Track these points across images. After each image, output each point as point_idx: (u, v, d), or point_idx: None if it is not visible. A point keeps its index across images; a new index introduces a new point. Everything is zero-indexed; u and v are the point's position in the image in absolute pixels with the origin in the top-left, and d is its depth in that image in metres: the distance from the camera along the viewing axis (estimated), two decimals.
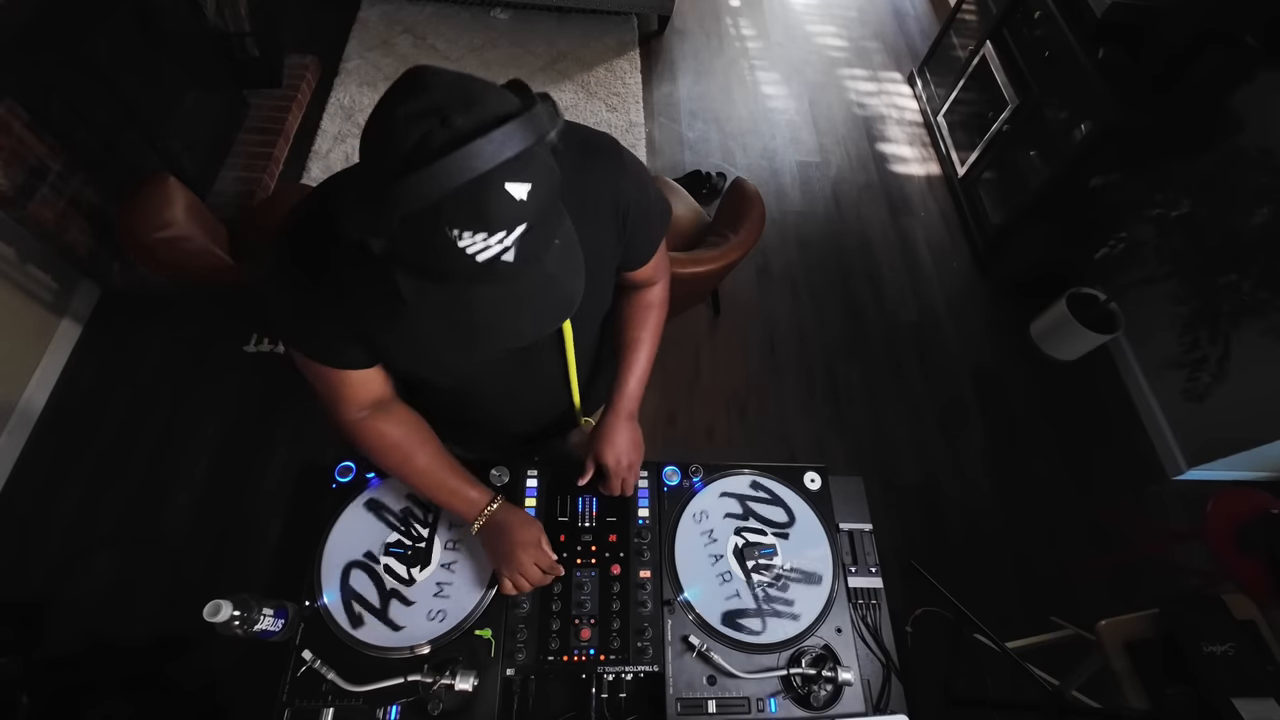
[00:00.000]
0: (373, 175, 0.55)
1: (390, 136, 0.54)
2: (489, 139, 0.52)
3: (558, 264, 0.63)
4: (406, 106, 0.54)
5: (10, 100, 1.84)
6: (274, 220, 2.03)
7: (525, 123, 0.54)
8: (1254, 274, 1.90)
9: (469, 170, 0.52)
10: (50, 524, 1.91)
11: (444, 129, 0.52)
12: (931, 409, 2.49)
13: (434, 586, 1.04)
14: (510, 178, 0.54)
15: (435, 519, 1.10)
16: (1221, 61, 2.03)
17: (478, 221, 0.54)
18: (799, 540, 1.14)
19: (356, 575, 1.04)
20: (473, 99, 0.55)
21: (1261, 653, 1.38)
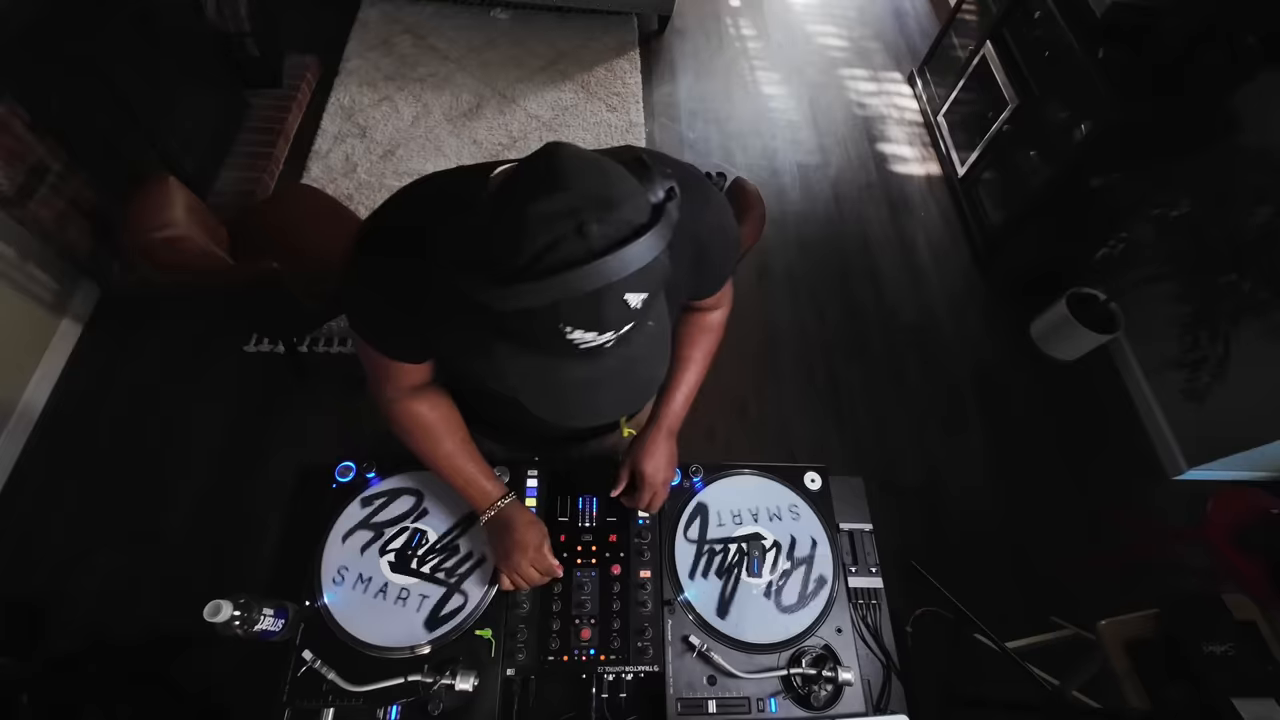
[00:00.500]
0: (491, 264, 0.54)
1: (521, 232, 0.52)
2: (620, 257, 0.52)
3: (648, 347, 0.64)
4: (541, 205, 0.52)
5: (10, 100, 1.84)
6: (274, 220, 2.03)
7: (656, 235, 0.54)
8: (1254, 274, 1.90)
9: (595, 283, 0.52)
10: (50, 524, 1.91)
11: (579, 238, 0.51)
12: (931, 409, 2.49)
13: (433, 587, 1.04)
14: (630, 289, 0.54)
15: (435, 519, 1.10)
16: (1221, 61, 2.03)
17: (591, 324, 0.55)
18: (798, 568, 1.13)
19: (357, 574, 1.04)
20: (610, 204, 0.53)
21: (1261, 653, 1.38)
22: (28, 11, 1.73)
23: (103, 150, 2.08)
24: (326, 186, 2.66)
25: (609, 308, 0.54)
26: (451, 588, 1.03)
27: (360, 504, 1.11)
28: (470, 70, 3.17)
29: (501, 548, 1.00)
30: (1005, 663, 1.39)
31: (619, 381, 0.64)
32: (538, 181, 0.54)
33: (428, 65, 3.16)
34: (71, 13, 1.81)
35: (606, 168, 0.56)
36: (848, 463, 2.30)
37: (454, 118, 2.98)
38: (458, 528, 1.09)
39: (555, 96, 3.14)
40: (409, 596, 1.03)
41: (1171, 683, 1.35)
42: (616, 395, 0.65)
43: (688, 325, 1.07)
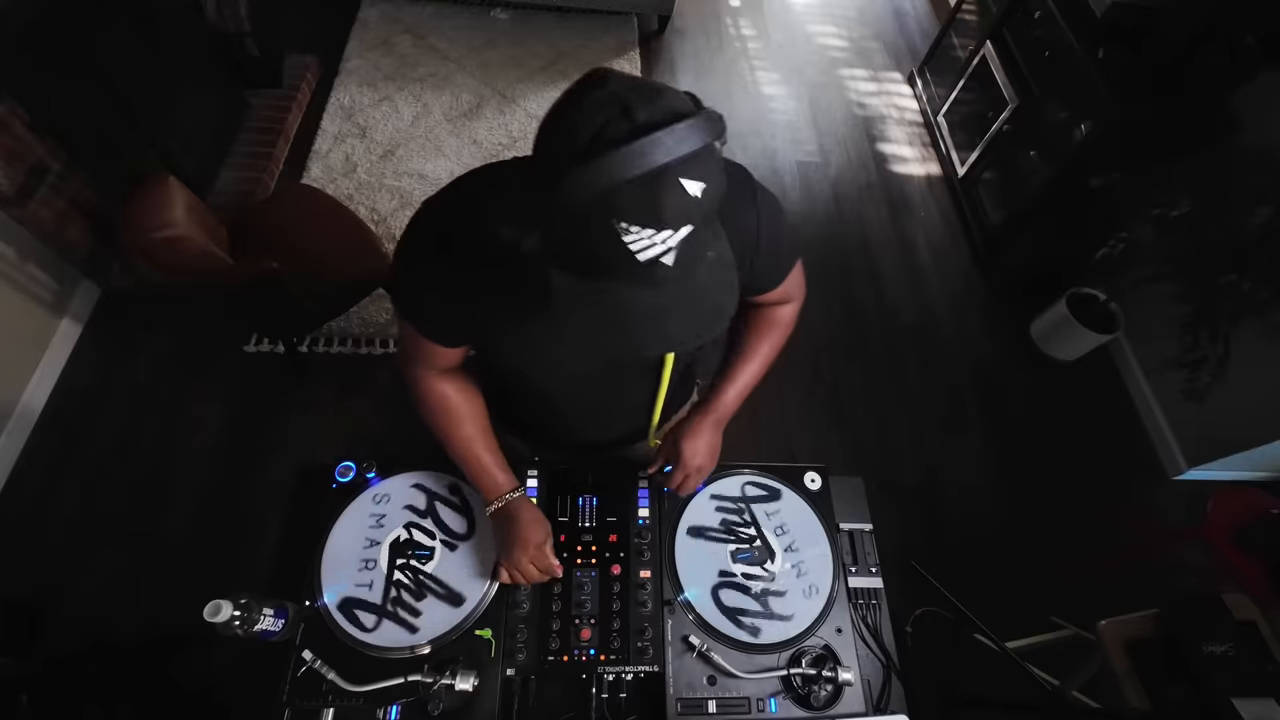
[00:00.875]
0: (546, 165, 0.56)
1: (569, 125, 0.54)
2: (671, 131, 0.52)
3: (710, 276, 0.63)
4: (588, 97, 0.54)
5: (10, 100, 1.84)
6: (274, 220, 2.03)
7: (703, 120, 0.55)
8: (1254, 274, 1.90)
9: (648, 161, 0.51)
10: (50, 524, 1.91)
11: (624, 119, 0.52)
12: (931, 409, 2.49)
13: (432, 587, 1.04)
14: (686, 174, 0.53)
15: (437, 520, 1.10)
16: (1221, 61, 2.03)
17: (649, 215, 0.53)
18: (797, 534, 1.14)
19: (356, 573, 1.04)
20: (655, 92, 0.55)
21: (1261, 653, 1.38)
22: (28, 11, 1.73)
23: (103, 150, 2.07)
24: (326, 186, 2.66)
25: (666, 194, 0.53)
26: (381, 611, 1.02)
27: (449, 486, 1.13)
28: (470, 70, 3.17)
29: (504, 541, 1.01)
30: (1005, 663, 1.39)
31: (686, 308, 0.63)
32: (583, 84, 0.56)
33: (428, 65, 3.16)
34: (71, 13, 1.81)
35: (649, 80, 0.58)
36: (848, 463, 2.30)
37: (454, 118, 2.98)
38: (443, 590, 1.05)
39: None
40: (370, 569, 1.04)
41: (1171, 683, 1.35)
42: (684, 322, 0.63)
43: (756, 316, 1.06)
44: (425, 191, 2.70)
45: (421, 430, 1.01)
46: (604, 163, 0.51)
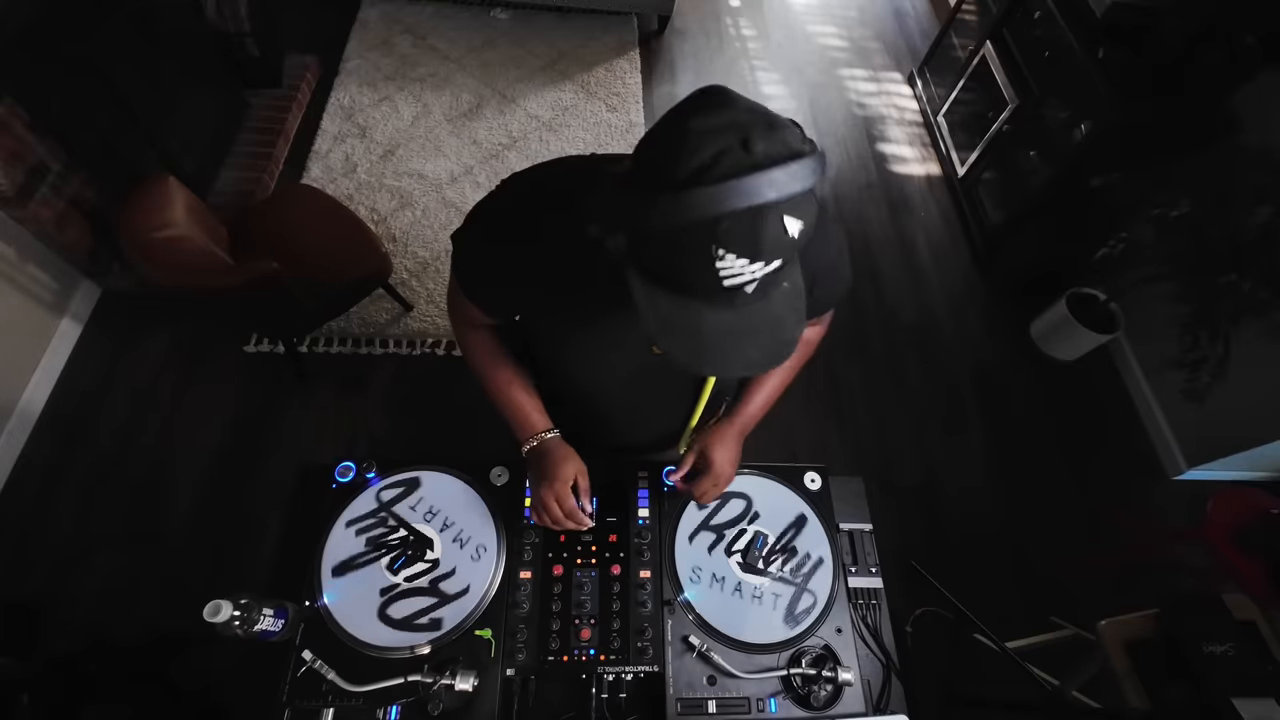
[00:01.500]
0: (653, 175, 0.56)
1: (685, 146, 0.54)
2: (785, 170, 0.53)
3: (784, 305, 0.64)
4: (708, 119, 0.54)
5: (10, 100, 1.84)
6: (274, 221, 2.03)
7: (815, 162, 0.55)
8: (1254, 274, 1.90)
9: (760, 196, 0.52)
10: (50, 524, 1.91)
11: (744, 150, 0.53)
12: (931, 409, 2.49)
13: (431, 588, 1.04)
14: (790, 211, 0.54)
15: (437, 520, 1.10)
16: (1221, 61, 2.03)
17: (747, 247, 0.54)
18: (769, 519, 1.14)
19: (356, 572, 1.04)
20: (773, 125, 0.55)
21: (1261, 653, 1.38)
22: (27, 12, 1.73)
23: (103, 150, 2.07)
24: (326, 186, 2.66)
25: (769, 228, 0.54)
26: (443, 597, 1.03)
27: (373, 496, 1.12)
28: (470, 70, 3.17)
29: (536, 475, 1.01)
30: (1005, 663, 1.40)
31: (763, 337, 0.64)
32: (701, 102, 0.56)
33: (428, 65, 3.16)
34: (71, 13, 1.81)
35: (765, 108, 0.58)
36: (848, 463, 2.30)
37: (454, 118, 2.98)
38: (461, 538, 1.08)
39: (555, 96, 3.14)
40: (402, 598, 1.03)
41: (1171, 683, 1.35)
42: (759, 350, 0.65)
43: None
44: (425, 191, 2.71)
45: (421, 430, 1.01)
46: (718, 191, 0.52)
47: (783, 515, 1.16)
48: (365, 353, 2.31)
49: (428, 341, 2.35)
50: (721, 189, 0.52)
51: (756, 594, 1.08)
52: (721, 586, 1.08)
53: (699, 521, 1.14)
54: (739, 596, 1.08)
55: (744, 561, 1.10)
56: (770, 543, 1.13)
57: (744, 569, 1.10)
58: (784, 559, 1.12)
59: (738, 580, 1.09)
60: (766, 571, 1.10)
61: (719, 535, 1.13)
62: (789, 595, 1.08)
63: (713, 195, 0.52)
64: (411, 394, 2.25)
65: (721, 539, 1.12)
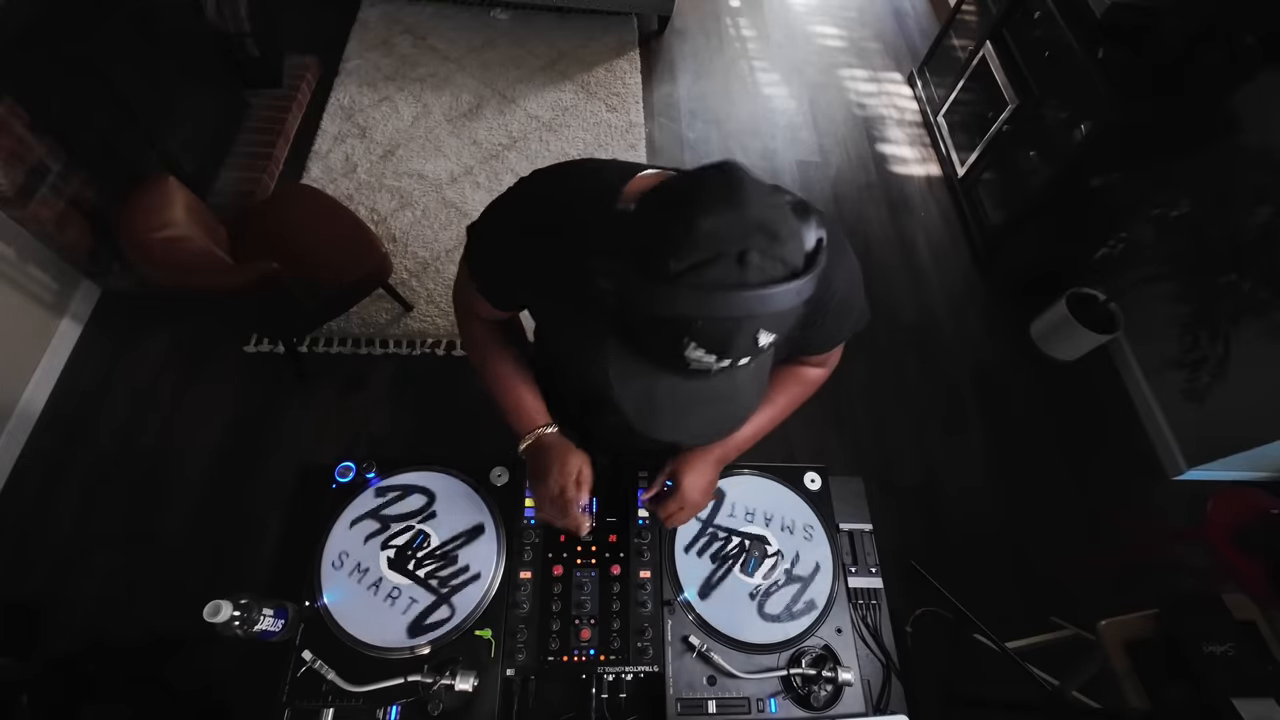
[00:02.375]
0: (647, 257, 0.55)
1: (685, 240, 0.53)
2: (770, 293, 0.53)
3: (747, 382, 0.65)
4: (713, 220, 0.53)
5: (10, 100, 1.84)
6: (274, 221, 2.03)
7: (807, 284, 0.56)
8: (1254, 274, 1.90)
9: (739, 312, 0.53)
10: (50, 524, 1.91)
11: (738, 266, 0.52)
12: (931, 409, 2.49)
13: (431, 588, 1.04)
14: (767, 327, 0.55)
15: (437, 520, 1.10)
16: (1221, 61, 2.03)
17: (716, 347, 0.56)
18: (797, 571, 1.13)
19: (356, 571, 1.04)
20: (776, 239, 0.54)
21: (1261, 653, 1.38)
22: (27, 12, 1.73)
23: (103, 150, 2.07)
24: (326, 186, 2.66)
25: (740, 338, 0.55)
26: (441, 598, 1.02)
27: (374, 493, 1.11)
28: (470, 70, 3.17)
29: (537, 471, 0.97)
30: (1005, 663, 1.40)
31: (712, 409, 0.65)
32: (715, 194, 0.55)
33: (428, 65, 3.16)
34: (71, 13, 1.81)
35: (778, 201, 0.57)
36: (848, 463, 2.30)
37: (454, 118, 2.98)
38: (461, 538, 1.08)
39: (555, 96, 3.14)
40: (399, 596, 1.03)
41: (1171, 683, 1.35)
42: (707, 421, 0.66)
43: (783, 371, 1.05)
44: (425, 191, 2.71)
45: (422, 430, 1.01)
46: (701, 297, 0.53)
47: (782, 517, 1.17)
48: (365, 353, 2.31)
49: (428, 341, 2.35)
50: (704, 297, 0.52)
51: (755, 595, 1.09)
52: (722, 588, 1.08)
53: (696, 529, 1.13)
54: (737, 598, 1.08)
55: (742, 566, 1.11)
56: (769, 548, 1.13)
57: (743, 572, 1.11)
58: (778, 560, 1.12)
59: (739, 580, 1.09)
60: (762, 573, 1.11)
61: (714, 539, 1.13)
62: (791, 595, 1.09)
63: (694, 299, 0.53)
64: (411, 394, 2.25)
65: (717, 542, 1.12)
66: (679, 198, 0.57)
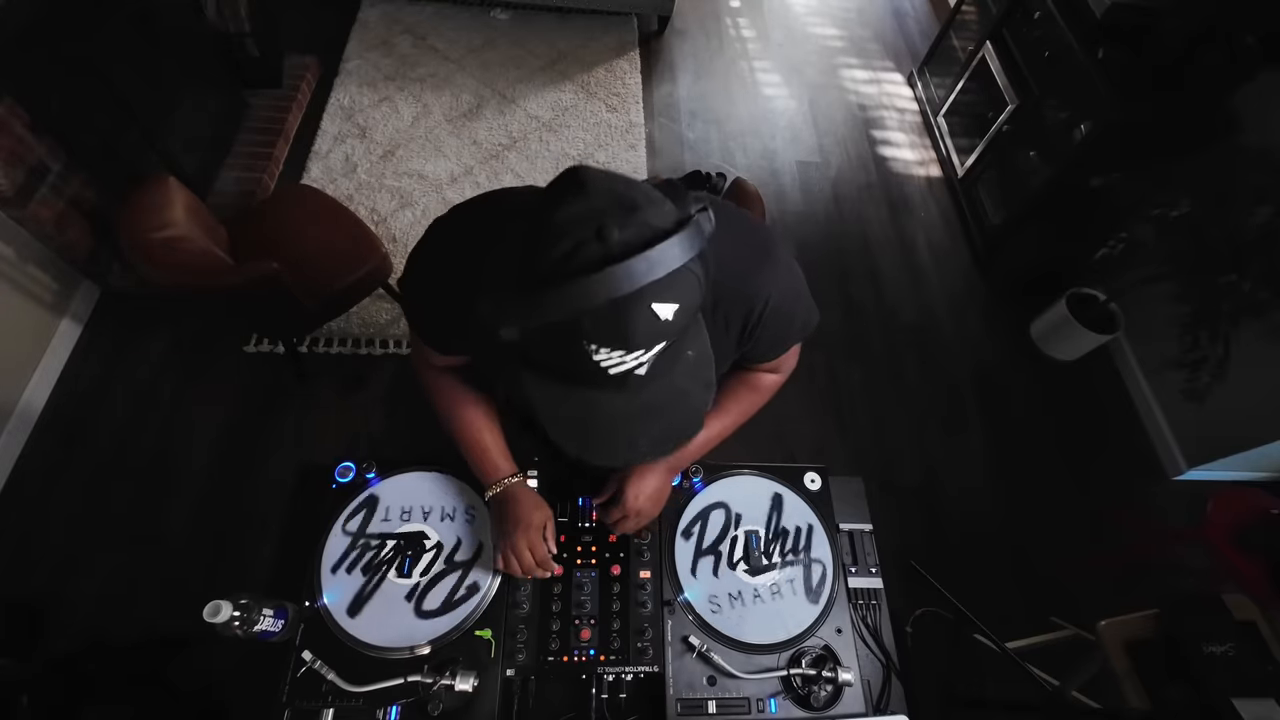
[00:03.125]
0: (522, 271, 0.54)
1: (543, 239, 0.52)
2: (643, 258, 0.50)
3: (687, 377, 0.62)
4: (564, 210, 0.52)
5: (10, 100, 1.84)
6: (274, 221, 2.03)
7: (682, 241, 0.52)
8: (1254, 274, 1.90)
9: (616, 289, 0.50)
10: (50, 524, 1.91)
11: (598, 242, 0.50)
12: (931, 409, 2.49)
13: (430, 589, 1.04)
14: (657, 298, 0.51)
15: (438, 520, 1.10)
16: (1221, 61, 2.03)
17: (617, 340, 0.52)
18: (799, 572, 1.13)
19: (355, 571, 1.04)
20: (632, 207, 0.52)
21: (1261, 653, 1.38)
22: (27, 12, 1.73)
23: (102, 150, 2.07)
24: (326, 187, 2.66)
25: (636, 319, 0.51)
26: (463, 569, 1.03)
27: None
28: (470, 70, 3.17)
29: (502, 525, 1.00)
30: (1005, 663, 1.40)
31: (657, 419, 0.61)
32: (561, 190, 0.54)
33: (428, 65, 3.16)
34: (71, 13, 1.81)
35: (632, 180, 0.56)
36: (848, 463, 2.30)
37: (454, 118, 2.98)
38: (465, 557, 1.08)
39: (555, 97, 3.14)
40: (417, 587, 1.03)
41: (1171, 683, 1.35)
42: (655, 433, 0.62)
43: (732, 381, 1.03)
44: (425, 191, 2.71)
45: (420, 430, 1.01)
46: (572, 289, 0.50)
47: (759, 504, 1.17)
48: (365, 353, 2.31)
49: None
50: (573, 286, 0.50)
51: (775, 589, 1.08)
52: (743, 601, 1.07)
53: (693, 551, 1.12)
54: (762, 600, 1.08)
55: (749, 566, 1.10)
56: (763, 535, 1.13)
57: (752, 573, 1.10)
58: (780, 543, 1.12)
59: (754, 587, 1.09)
60: (772, 564, 1.10)
61: (716, 554, 1.12)
62: (800, 574, 1.10)
63: (565, 295, 0.50)
64: (411, 394, 2.24)
65: (720, 556, 1.12)
66: (535, 209, 0.55)
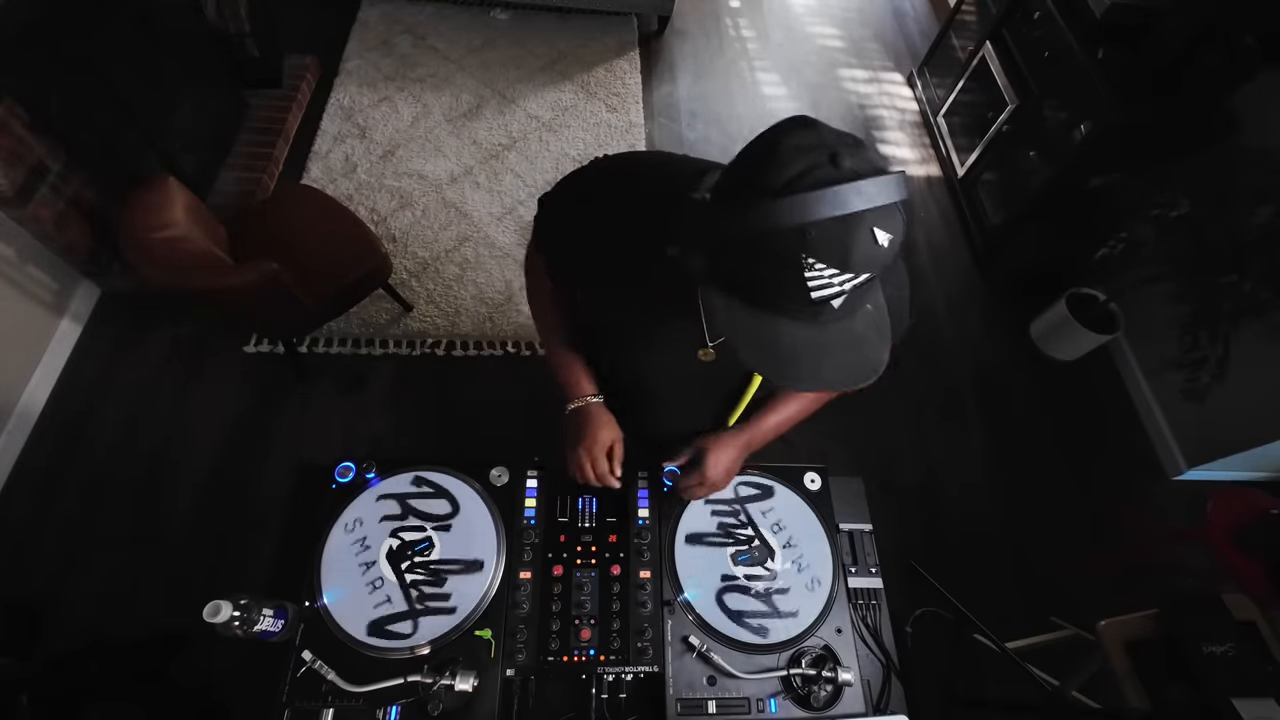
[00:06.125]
0: (744, 190, 0.58)
1: (775, 159, 0.57)
2: (874, 181, 0.55)
3: (867, 326, 0.65)
4: (796, 139, 0.58)
5: (10, 100, 1.84)
6: (274, 221, 2.03)
7: (901, 178, 0.58)
8: (1254, 274, 1.90)
9: (849, 205, 0.54)
10: (50, 524, 1.91)
11: (832, 166, 0.55)
12: (931, 409, 2.49)
13: (429, 590, 1.04)
14: (880, 224, 0.56)
15: (439, 520, 1.10)
16: (1221, 61, 2.03)
17: (838, 256, 0.56)
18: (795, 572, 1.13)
19: (356, 570, 1.04)
20: (859, 145, 0.58)
21: (1261, 653, 1.38)
22: (27, 12, 1.73)
23: (102, 150, 2.07)
24: (326, 187, 2.66)
25: (859, 238, 0.55)
26: (413, 612, 1.01)
27: (411, 480, 1.13)
28: (470, 70, 3.17)
29: (576, 436, 1.02)
30: (1005, 663, 1.39)
31: (843, 354, 0.65)
32: (791, 126, 0.59)
33: (428, 65, 3.16)
34: (70, 13, 1.81)
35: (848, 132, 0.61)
36: (847, 463, 2.30)
37: (454, 118, 2.98)
38: (459, 566, 1.06)
39: (555, 97, 3.14)
40: (380, 588, 1.03)
41: (1171, 683, 1.35)
42: (841, 366, 0.65)
43: None
44: (425, 191, 2.71)
45: (420, 430, 1.02)
46: (810, 198, 0.54)
47: (759, 504, 1.18)
48: (365, 353, 2.31)
49: (428, 342, 2.35)
50: (811, 196, 0.54)
51: (775, 589, 1.09)
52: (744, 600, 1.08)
53: (692, 550, 1.12)
54: (762, 600, 1.08)
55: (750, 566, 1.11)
56: (763, 535, 1.13)
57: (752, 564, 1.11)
58: (780, 544, 1.13)
59: (754, 587, 1.10)
60: (772, 564, 1.11)
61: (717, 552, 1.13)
62: (799, 574, 1.11)
63: (804, 202, 0.54)
64: (411, 394, 2.25)
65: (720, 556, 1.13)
66: (755, 143, 0.61)
